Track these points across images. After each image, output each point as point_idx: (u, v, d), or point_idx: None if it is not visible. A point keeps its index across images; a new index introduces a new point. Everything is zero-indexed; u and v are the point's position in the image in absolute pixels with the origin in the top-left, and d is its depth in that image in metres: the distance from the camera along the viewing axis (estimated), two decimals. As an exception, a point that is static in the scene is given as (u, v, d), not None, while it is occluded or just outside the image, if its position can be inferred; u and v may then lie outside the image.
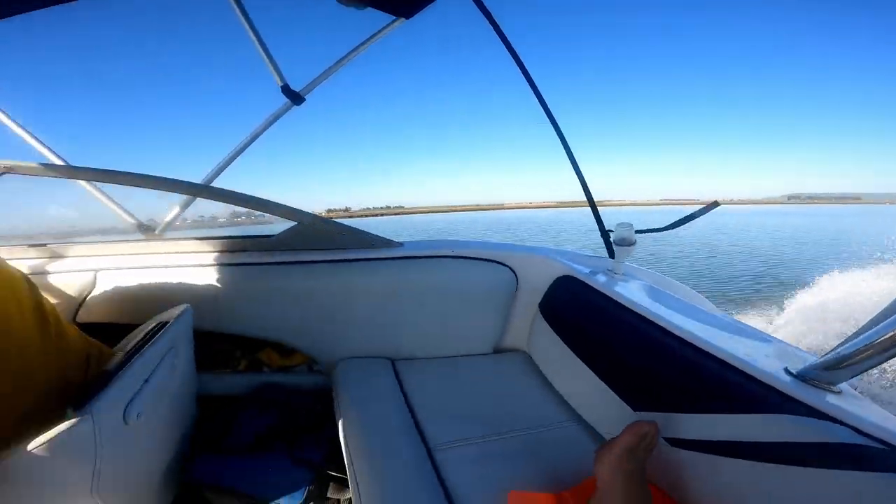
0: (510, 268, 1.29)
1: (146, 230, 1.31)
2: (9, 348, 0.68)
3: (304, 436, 1.13)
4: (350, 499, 1.01)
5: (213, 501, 0.99)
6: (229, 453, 1.07)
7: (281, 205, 1.22)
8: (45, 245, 1.18)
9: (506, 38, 1.31)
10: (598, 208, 1.27)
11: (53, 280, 1.17)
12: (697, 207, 1.12)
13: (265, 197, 1.21)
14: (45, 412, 0.70)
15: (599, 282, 1.10)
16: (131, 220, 1.30)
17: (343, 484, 1.04)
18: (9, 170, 1.09)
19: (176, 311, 0.97)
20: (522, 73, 1.31)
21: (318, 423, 1.18)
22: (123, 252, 1.25)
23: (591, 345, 1.02)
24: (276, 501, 0.97)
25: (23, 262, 1.16)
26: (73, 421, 0.61)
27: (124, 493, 0.75)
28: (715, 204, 1.12)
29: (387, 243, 1.29)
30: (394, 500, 0.78)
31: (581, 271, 1.17)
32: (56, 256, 1.20)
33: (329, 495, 1.05)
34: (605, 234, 1.26)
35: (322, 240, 1.26)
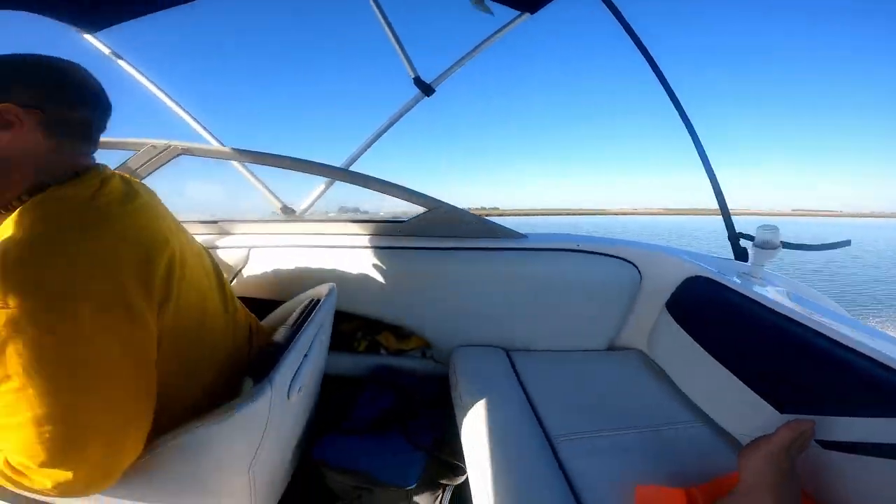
0: (634, 265, 1.28)
1: (288, 212, 1.42)
2: (205, 319, 0.73)
3: (419, 420, 1.17)
4: (460, 484, 1.04)
5: (328, 478, 1.04)
6: (348, 433, 1.12)
7: (414, 191, 1.29)
8: (216, 222, 1.31)
9: (634, 31, 1.30)
10: (716, 216, 1.24)
11: (217, 254, 1.30)
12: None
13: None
14: (223, 383, 0.75)
15: (740, 284, 1.08)
16: (276, 202, 1.41)
17: (455, 469, 1.07)
18: (186, 151, 1.22)
19: (323, 289, 1.02)
20: (653, 69, 1.30)
21: (431, 408, 1.22)
22: (270, 231, 1.36)
23: (731, 346, 1.00)
24: (391, 483, 1.01)
25: (196, 237, 1.30)
26: (254, 393, 0.62)
27: (268, 471, 0.76)
28: (847, 242, 1.11)
29: (511, 234, 1.32)
30: (517, 487, 0.79)
31: (718, 273, 1.14)
32: (223, 233, 1.32)
33: (441, 480, 1.08)
34: (735, 237, 1.24)
35: (450, 227, 1.31)
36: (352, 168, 1.43)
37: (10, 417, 0.53)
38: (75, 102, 0.64)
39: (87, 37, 1.40)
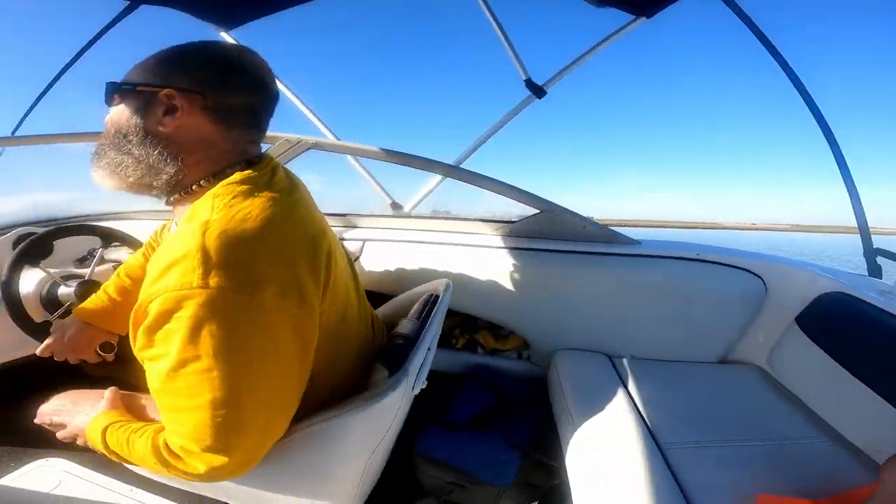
0: (760, 277, 1.24)
1: (397, 207, 1.47)
2: (347, 308, 0.73)
3: (515, 420, 1.18)
4: (553, 486, 1.04)
5: (421, 471, 1.06)
6: (451, 428, 1.14)
7: (526, 192, 1.30)
8: (344, 215, 1.38)
9: (762, 31, 1.26)
10: (847, 234, 1.19)
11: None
12: None
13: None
14: (356, 372, 0.76)
15: (885, 302, 1.03)
16: (386, 197, 1.47)
17: (549, 471, 1.07)
18: (315, 145, 1.29)
19: (440, 284, 1.02)
20: (785, 70, 1.25)
21: (528, 409, 1.22)
22: (382, 226, 1.41)
23: (875, 365, 0.96)
24: (488, 481, 1.02)
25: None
26: (391, 384, 0.64)
27: (378, 461, 0.77)
28: None
29: (624, 240, 1.31)
30: (626, 492, 0.78)
31: (863, 291, 1.09)
32: (347, 226, 1.39)
33: (534, 482, 1.08)
34: (871, 254, 1.19)
35: (561, 230, 1.32)
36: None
37: (189, 399, 0.53)
38: (237, 87, 0.64)
39: (224, 34, 1.51)
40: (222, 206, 0.57)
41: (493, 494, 1.04)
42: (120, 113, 0.63)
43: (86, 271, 1.16)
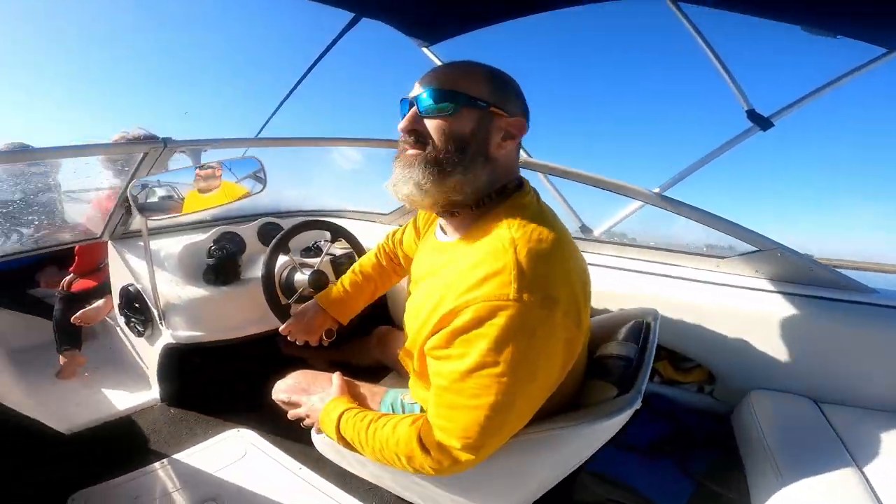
0: None
1: (586, 231, 1.48)
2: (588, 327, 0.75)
3: (694, 453, 1.15)
4: None
5: (582, 484, 1.07)
6: (628, 449, 1.14)
7: (743, 227, 1.24)
8: None
9: None
10: None
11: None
12: None
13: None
14: (573, 389, 0.77)
15: None
16: (576, 220, 1.48)
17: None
18: (523, 164, 1.34)
19: (647, 313, 0.99)
20: None
21: (708, 445, 1.19)
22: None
23: None
24: (657, 502, 1.01)
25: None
26: (625, 403, 0.64)
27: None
28: None
29: (859, 286, 1.19)
30: None
31: None
32: None
33: None
34: None
35: (781, 271, 1.23)
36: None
37: (470, 399, 0.57)
38: (528, 119, 0.70)
39: (426, 50, 1.61)
40: (517, 226, 0.61)
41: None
42: (461, 127, 0.64)
43: (316, 261, 1.31)
